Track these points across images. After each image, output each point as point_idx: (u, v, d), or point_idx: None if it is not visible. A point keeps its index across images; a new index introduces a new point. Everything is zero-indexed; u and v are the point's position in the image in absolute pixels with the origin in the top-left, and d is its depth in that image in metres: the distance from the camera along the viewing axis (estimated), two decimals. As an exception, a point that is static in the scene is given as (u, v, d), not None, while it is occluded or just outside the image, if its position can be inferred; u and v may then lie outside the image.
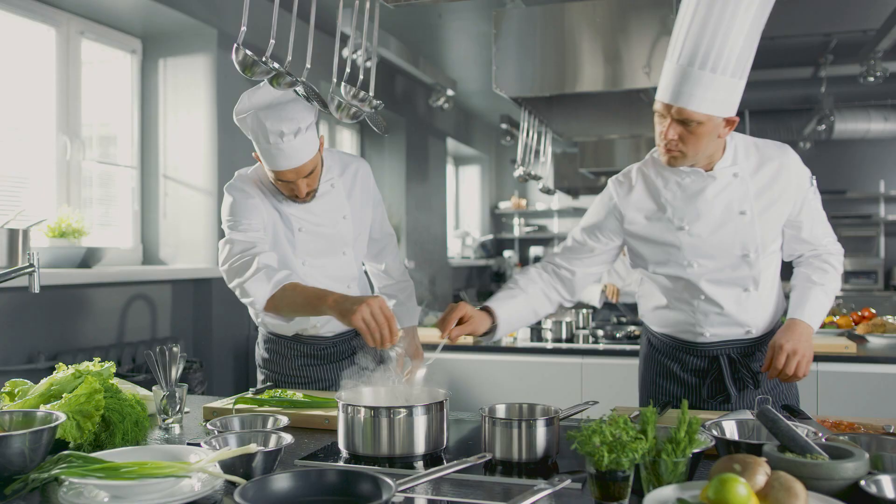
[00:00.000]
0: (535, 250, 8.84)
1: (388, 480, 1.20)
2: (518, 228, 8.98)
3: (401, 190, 6.32)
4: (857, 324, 3.55)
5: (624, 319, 4.34)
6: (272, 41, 1.51)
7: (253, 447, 1.31)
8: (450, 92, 5.80)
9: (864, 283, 7.75)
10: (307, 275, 2.13)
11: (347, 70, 1.77)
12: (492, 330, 1.97)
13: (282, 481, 1.21)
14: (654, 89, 3.11)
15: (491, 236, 8.90)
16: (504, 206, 9.07)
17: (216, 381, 3.79)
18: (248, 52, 1.42)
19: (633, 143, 5.49)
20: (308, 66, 1.65)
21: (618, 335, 3.67)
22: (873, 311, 3.65)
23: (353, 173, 2.22)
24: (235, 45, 1.43)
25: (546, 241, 9.04)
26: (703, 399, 2.06)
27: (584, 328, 3.86)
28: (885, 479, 1.16)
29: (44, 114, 3.37)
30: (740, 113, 7.93)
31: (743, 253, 1.94)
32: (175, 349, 1.90)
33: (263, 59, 1.48)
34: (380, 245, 2.37)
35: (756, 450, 1.29)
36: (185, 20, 3.71)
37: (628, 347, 3.45)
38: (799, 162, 1.98)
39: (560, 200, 8.81)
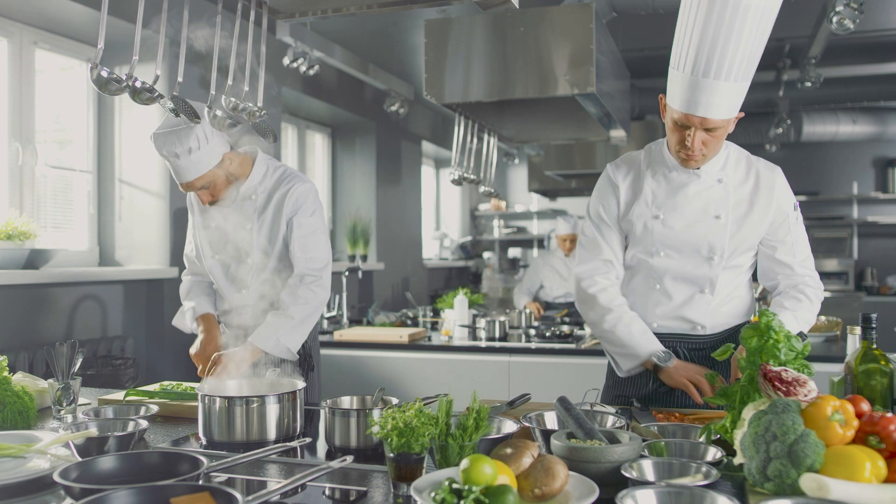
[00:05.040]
0: (513, 252, 8.94)
1: (203, 460, 1.32)
2: (497, 230, 9.08)
3: (371, 192, 6.44)
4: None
5: (567, 319, 4.46)
6: (135, 58, 1.63)
7: (94, 431, 1.44)
8: (406, 97, 5.90)
9: (836, 284, 7.80)
10: (212, 268, 2.38)
11: (229, 82, 1.89)
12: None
13: (107, 463, 1.33)
14: (579, 96, 3.23)
15: (470, 238, 9.01)
16: (483, 207, 9.17)
17: (167, 378, 3.91)
18: (104, 73, 1.54)
19: (588, 147, 5.71)
20: (180, 80, 1.77)
21: (547, 334, 3.79)
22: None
23: (283, 194, 2.31)
24: (91, 63, 1.56)
25: (525, 243, 9.14)
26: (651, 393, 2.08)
27: (519, 328, 3.97)
28: (647, 464, 1.28)
29: (-4, 121, 3.51)
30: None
31: (708, 255, 2.02)
32: (75, 345, 2.03)
33: (125, 75, 1.60)
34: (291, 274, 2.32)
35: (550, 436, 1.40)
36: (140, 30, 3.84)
37: (557, 346, 3.57)
38: (785, 185, 2.06)
39: (539, 202, 8.92)
